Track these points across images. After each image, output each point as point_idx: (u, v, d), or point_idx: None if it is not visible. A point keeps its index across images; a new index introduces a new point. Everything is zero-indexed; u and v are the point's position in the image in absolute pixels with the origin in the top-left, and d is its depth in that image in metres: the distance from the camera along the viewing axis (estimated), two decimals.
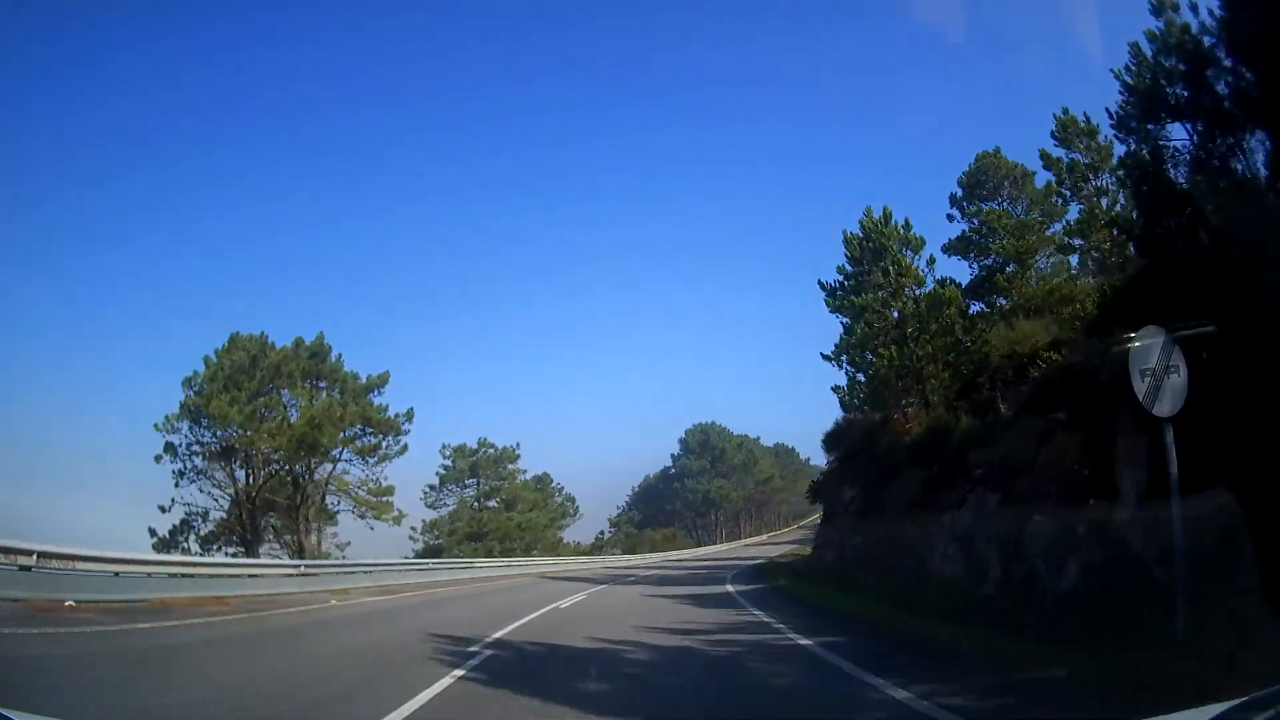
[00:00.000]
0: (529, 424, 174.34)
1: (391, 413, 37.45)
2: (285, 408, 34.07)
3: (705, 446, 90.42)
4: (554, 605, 14.89)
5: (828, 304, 23.61)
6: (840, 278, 24.06)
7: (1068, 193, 27.75)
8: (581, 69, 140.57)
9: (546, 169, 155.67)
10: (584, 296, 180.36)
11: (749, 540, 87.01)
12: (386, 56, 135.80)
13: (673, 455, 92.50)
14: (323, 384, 36.61)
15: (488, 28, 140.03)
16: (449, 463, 54.48)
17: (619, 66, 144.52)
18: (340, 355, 36.71)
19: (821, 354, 23.92)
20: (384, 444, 37.36)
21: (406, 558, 38.98)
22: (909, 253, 23.70)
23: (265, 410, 33.39)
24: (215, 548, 33.52)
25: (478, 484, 54.30)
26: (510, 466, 54.78)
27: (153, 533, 31.93)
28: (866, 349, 22.38)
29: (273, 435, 32.67)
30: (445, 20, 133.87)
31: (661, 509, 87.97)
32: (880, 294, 23.02)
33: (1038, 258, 29.48)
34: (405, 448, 37.09)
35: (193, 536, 33.48)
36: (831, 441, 27.27)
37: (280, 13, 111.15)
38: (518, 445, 54.92)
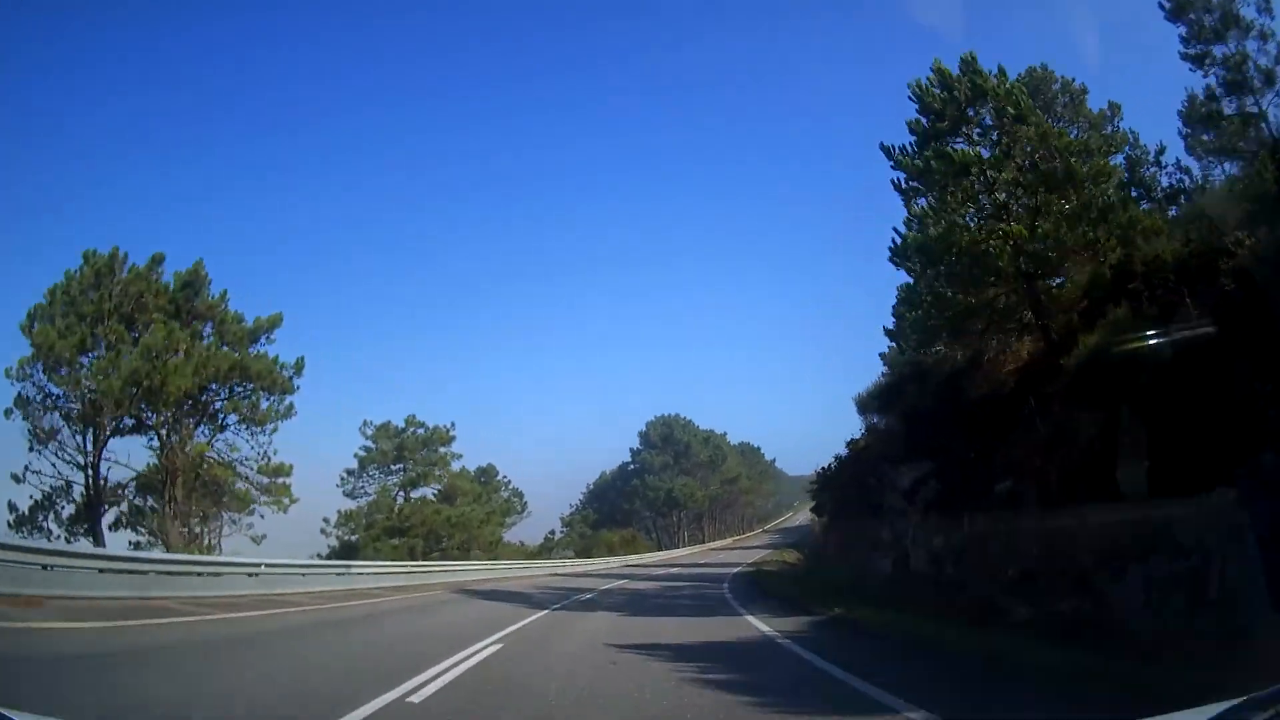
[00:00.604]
0: (482, 419, 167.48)
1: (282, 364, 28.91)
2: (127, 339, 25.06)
3: (668, 441, 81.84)
4: (409, 684, 6.16)
5: (902, 167, 15.32)
6: (914, 137, 15.82)
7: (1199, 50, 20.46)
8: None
9: (518, 164, 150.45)
10: (547, 292, 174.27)
11: (713, 544, 78.75)
12: (386, 57, 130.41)
13: (632, 449, 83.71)
14: (208, 328, 27.73)
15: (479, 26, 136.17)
16: (371, 443, 44.95)
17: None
18: (226, 292, 27.92)
19: (890, 250, 15.49)
20: (265, 404, 28.71)
21: (314, 558, 29.65)
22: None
23: (103, 341, 24.47)
24: (82, 532, 25.15)
25: (404, 470, 44.79)
26: (443, 450, 45.33)
27: (12, 508, 24.21)
28: (964, 237, 14.07)
29: (103, 374, 23.69)
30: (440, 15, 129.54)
31: (619, 508, 78.93)
32: (984, 152, 14.89)
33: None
34: (291, 409, 28.49)
35: (52, 516, 25.02)
36: (882, 400, 19.01)
37: None
38: (452, 426, 45.57)
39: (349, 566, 22.93)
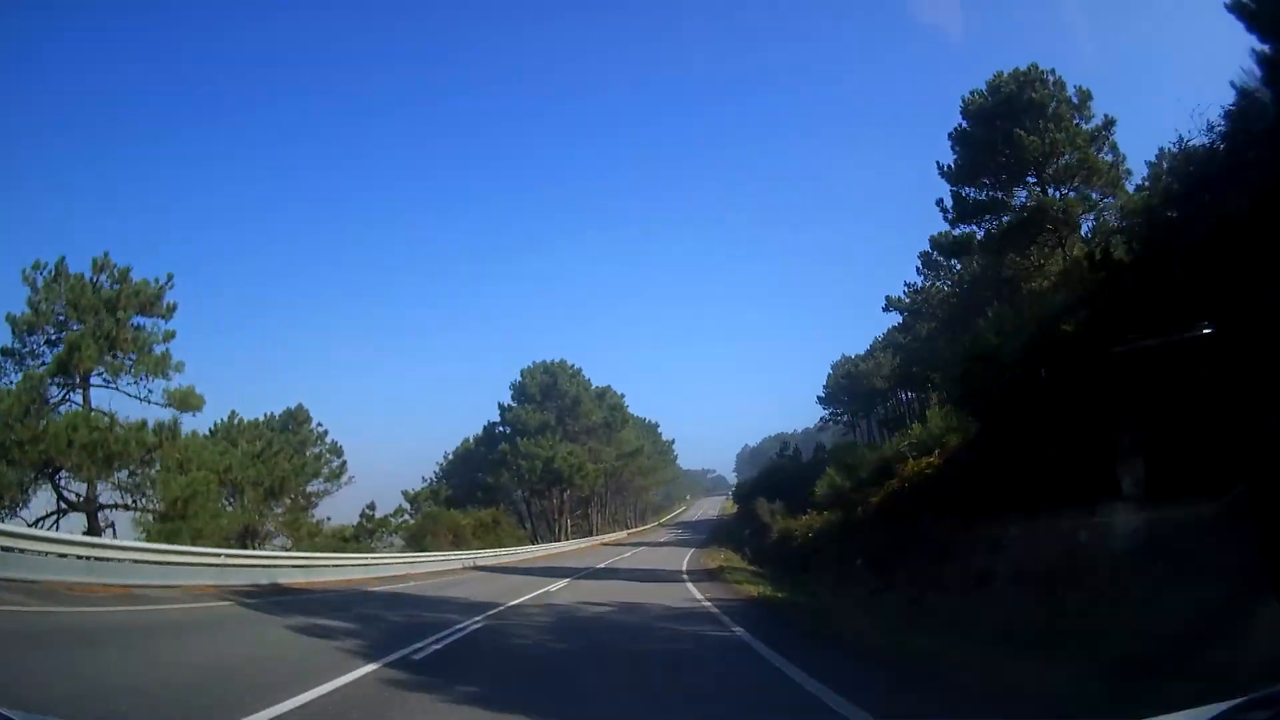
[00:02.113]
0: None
1: None
2: None
3: (551, 393, 61.18)
4: None
5: None
6: None
7: None
8: None
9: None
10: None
11: (605, 539, 59.18)
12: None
13: (502, 405, 62.21)
14: None
15: None
16: (32, 305, 22.03)
17: None
18: None
19: None
20: None
21: None
22: None
23: None
24: None
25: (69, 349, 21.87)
26: (151, 325, 23.05)
27: None
28: None
29: None
30: None
31: (482, 483, 57.77)
32: None
33: None
34: None
35: None
36: None
37: None
38: (168, 280, 23.37)
39: None
